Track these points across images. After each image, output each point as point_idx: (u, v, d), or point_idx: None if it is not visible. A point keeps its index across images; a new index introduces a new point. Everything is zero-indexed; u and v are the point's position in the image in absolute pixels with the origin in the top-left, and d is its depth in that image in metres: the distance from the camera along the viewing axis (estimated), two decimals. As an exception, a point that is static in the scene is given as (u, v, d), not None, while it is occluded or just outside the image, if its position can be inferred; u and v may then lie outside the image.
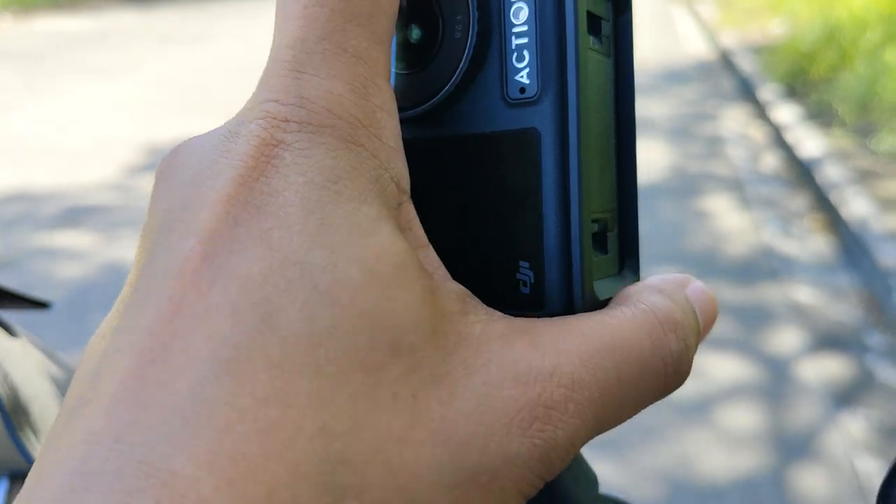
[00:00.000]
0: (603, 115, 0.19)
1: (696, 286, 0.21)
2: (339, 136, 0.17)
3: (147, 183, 3.54)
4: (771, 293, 2.41)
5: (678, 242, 2.80)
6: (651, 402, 0.19)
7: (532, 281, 0.18)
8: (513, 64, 0.18)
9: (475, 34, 0.18)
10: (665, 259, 2.57)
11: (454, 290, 0.18)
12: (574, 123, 0.17)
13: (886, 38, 4.54)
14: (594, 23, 0.18)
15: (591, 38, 0.18)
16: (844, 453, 1.66)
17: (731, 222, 2.98)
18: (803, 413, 1.81)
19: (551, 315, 0.18)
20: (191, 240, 0.16)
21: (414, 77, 0.19)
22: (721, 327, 2.23)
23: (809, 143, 3.64)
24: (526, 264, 0.18)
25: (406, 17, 0.19)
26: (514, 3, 0.18)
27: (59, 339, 1.56)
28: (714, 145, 3.98)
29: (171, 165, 0.20)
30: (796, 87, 4.69)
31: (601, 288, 0.19)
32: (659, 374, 0.19)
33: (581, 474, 0.23)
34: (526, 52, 0.18)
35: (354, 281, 0.16)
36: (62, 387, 0.34)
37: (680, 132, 4.20)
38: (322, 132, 0.17)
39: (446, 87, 0.19)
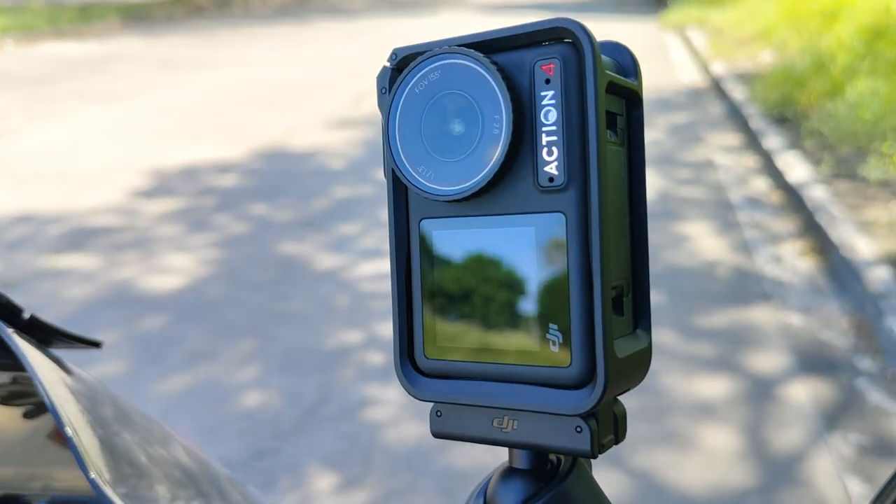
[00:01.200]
0: (619, 197, 0.22)
1: None
2: None
3: (150, 207, 3.59)
4: (761, 316, 2.43)
5: (666, 263, 2.83)
6: None
7: (560, 341, 0.21)
8: (542, 157, 0.21)
9: (510, 132, 0.21)
10: (655, 282, 2.61)
11: None
12: (596, 208, 0.20)
13: (873, 67, 4.65)
14: (611, 119, 0.21)
15: (609, 132, 0.21)
16: (837, 475, 1.67)
17: (722, 245, 3.01)
18: (795, 435, 1.82)
19: (577, 370, 0.21)
20: None
21: (457, 164, 0.22)
22: (713, 350, 2.24)
23: (798, 168, 3.70)
24: (555, 326, 0.21)
25: (451, 113, 0.22)
26: (545, 106, 0.21)
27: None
28: (704, 170, 4.03)
29: None
30: (786, 114, 4.78)
31: (619, 347, 0.21)
32: None
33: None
34: (555, 148, 0.21)
35: None
36: (112, 420, 0.35)
37: (669, 157, 4.28)
38: None
39: (485, 174, 0.22)
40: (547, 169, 0.21)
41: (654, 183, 3.73)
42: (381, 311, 2.53)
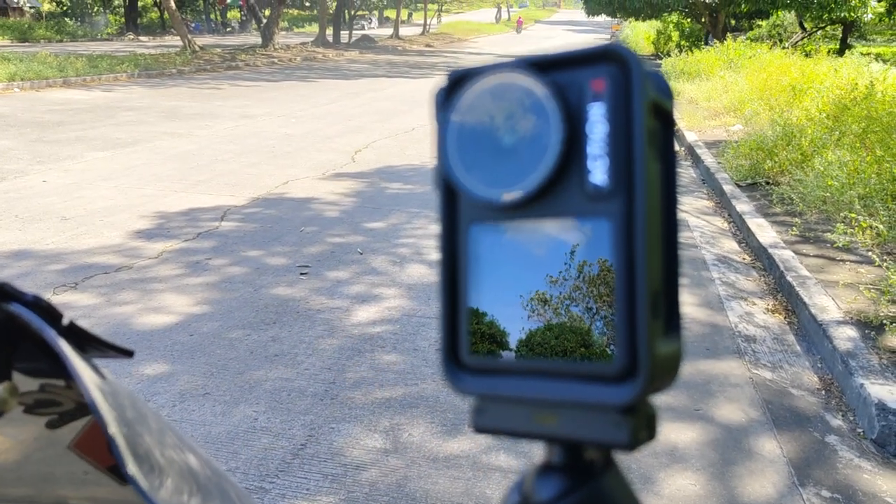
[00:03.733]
0: (657, 207, 0.23)
1: None
2: None
3: (149, 248, 3.63)
4: (734, 370, 2.49)
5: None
6: None
7: (604, 339, 0.22)
8: (590, 167, 0.22)
9: (560, 143, 0.22)
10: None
11: None
12: (641, 217, 0.22)
13: (839, 139, 4.93)
14: (651, 135, 0.22)
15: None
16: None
17: (695, 301, 3.09)
18: (769, 487, 1.85)
19: (620, 365, 0.22)
20: None
21: (508, 173, 0.23)
22: (686, 403, 2.28)
23: (768, 231, 3.85)
24: (600, 324, 0.22)
25: (503, 126, 0.23)
26: (593, 119, 0.22)
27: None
28: (679, 230, 4.21)
29: None
30: (756, 181, 5.01)
31: (657, 346, 0.22)
32: None
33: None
34: (601, 159, 0.22)
35: None
36: (135, 423, 0.37)
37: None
38: None
39: (535, 182, 0.23)
40: (593, 178, 0.22)
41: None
42: (369, 354, 2.58)
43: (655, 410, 0.24)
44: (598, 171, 0.22)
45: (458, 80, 0.25)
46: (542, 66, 0.23)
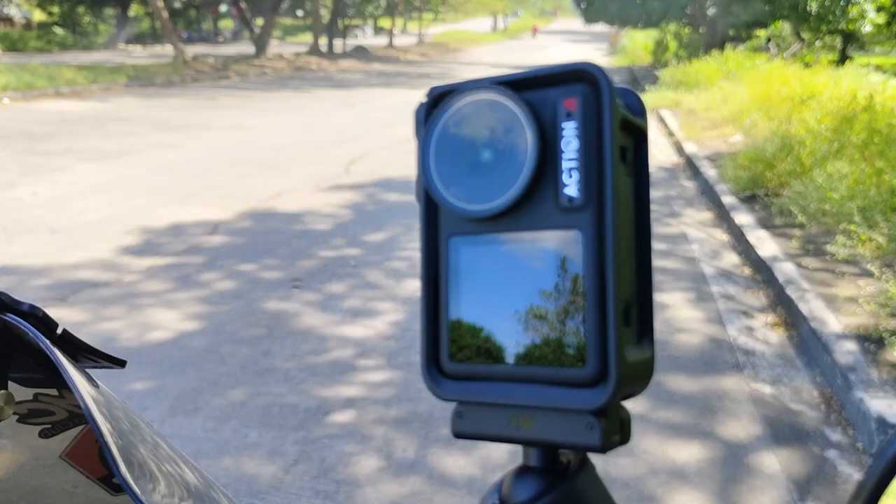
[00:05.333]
0: (628, 220, 0.24)
1: None
2: None
3: (138, 262, 3.60)
4: (734, 385, 2.48)
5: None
6: None
7: (576, 344, 0.23)
8: (563, 180, 0.23)
9: (535, 158, 0.23)
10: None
11: None
12: (610, 228, 0.23)
13: (838, 150, 4.93)
14: (622, 152, 0.24)
15: (620, 163, 0.24)
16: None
17: (696, 316, 3.08)
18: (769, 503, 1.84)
19: (591, 370, 0.23)
20: None
21: (485, 186, 0.24)
22: (685, 419, 2.25)
23: (768, 244, 3.84)
24: (575, 332, 0.23)
25: (481, 142, 0.25)
26: (566, 136, 0.23)
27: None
28: (679, 243, 4.16)
29: None
30: (756, 193, 5.01)
31: (628, 352, 0.23)
32: None
33: None
34: (574, 173, 0.23)
35: None
36: (128, 433, 0.37)
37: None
38: None
39: (511, 195, 0.24)
40: (567, 191, 0.23)
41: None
42: (363, 369, 2.55)
43: (629, 415, 0.25)
44: (571, 185, 0.23)
45: (439, 97, 0.26)
46: (519, 85, 0.24)
